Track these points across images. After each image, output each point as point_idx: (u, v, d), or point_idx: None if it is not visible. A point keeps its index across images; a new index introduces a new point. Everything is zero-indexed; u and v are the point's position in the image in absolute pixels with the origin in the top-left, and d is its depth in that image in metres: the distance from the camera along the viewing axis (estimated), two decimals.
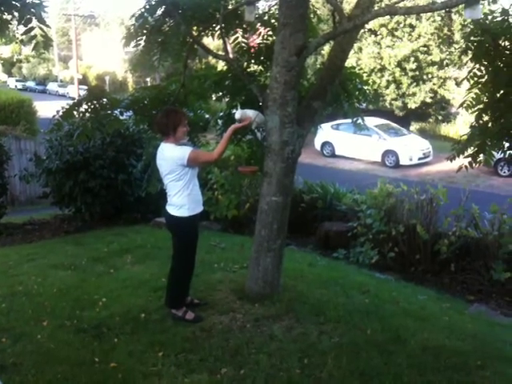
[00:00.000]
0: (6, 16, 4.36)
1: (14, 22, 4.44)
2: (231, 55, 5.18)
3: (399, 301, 5.02)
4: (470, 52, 4.37)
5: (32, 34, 4.17)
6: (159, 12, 5.04)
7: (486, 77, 4.34)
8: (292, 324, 4.20)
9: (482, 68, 4.33)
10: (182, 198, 4.15)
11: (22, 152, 13.29)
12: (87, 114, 5.06)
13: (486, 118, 4.46)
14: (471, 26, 4.45)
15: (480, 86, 4.37)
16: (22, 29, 4.30)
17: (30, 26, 4.10)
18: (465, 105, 4.46)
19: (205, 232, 7.14)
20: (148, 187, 5.71)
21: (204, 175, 8.19)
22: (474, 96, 4.41)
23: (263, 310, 4.40)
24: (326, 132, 19.35)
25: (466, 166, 4.58)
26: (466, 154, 4.57)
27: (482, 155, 4.57)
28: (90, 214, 8.85)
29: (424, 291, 5.76)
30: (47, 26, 4.22)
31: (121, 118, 5.52)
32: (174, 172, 4.10)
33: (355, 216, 7.23)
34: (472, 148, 4.55)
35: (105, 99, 5.13)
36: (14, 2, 4.08)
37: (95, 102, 5.05)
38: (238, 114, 4.38)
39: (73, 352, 3.83)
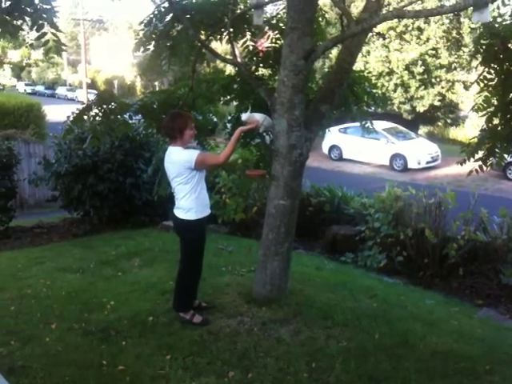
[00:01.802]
0: (17, 22, 4.39)
1: (25, 27, 4.47)
2: (239, 59, 5.19)
3: (407, 305, 5.00)
4: (479, 55, 4.36)
5: (44, 39, 4.19)
6: (168, 17, 5.07)
7: (495, 80, 4.32)
8: (299, 328, 4.19)
9: (492, 71, 4.31)
10: (190, 202, 4.15)
11: (31, 156, 13.36)
12: (97, 118, 5.08)
13: (495, 121, 4.44)
14: (481, 29, 4.44)
15: (490, 88, 4.36)
16: (32, 34, 4.33)
17: (42, 31, 4.12)
18: (475, 107, 4.45)
19: (212, 235, 7.15)
20: (159, 191, 5.73)
21: (211, 179, 8.20)
22: (484, 98, 4.40)
23: (270, 313, 4.39)
24: (333, 135, 19.33)
25: (476, 170, 4.56)
26: (476, 157, 4.56)
27: (492, 158, 4.56)
28: (98, 217, 8.88)
29: (432, 295, 5.73)
30: (59, 30, 4.24)
31: (130, 121, 5.55)
32: (182, 175, 4.11)
33: (363, 220, 7.21)
34: (482, 151, 4.53)
35: (114, 103, 5.15)
36: (25, 8, 4.10)
37: (105, 106, 5.07)
38: (244, 116, 4.39)
39: (81, 355, 3.85)
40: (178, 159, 4.11)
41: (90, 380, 3.50)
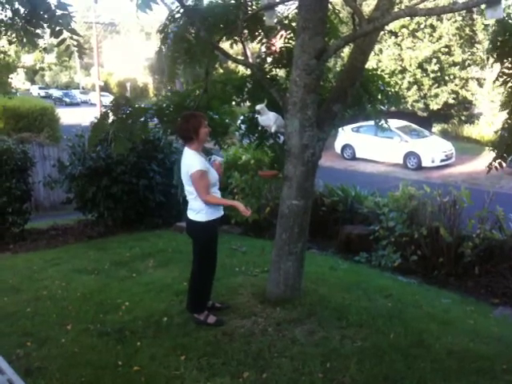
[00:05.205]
0: (36, 30, 4.44)
1: (42, 33, 4.52)
2: (251, 60, 5.19)
3: (422, 304, 4.97)
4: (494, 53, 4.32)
5: (65, 44, 4.22)
6: (181, 21, 5.08)
7: None
8: (314, 328, 4.18)
9: (510, 65, 4.27)
10: (200, 203, 4.15)
11: (46, 158, 13.46)
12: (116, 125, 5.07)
13: None
14: (495, 26, 4.40)
15: (510, 84, 4.32)
16: (47, 38, 4.38)
17: (62, 37, 4.16)
18: (503, 104, 4.42)
19: (225, 236, 7.15)
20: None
21: (224, 179, 8.21)
22: (507, 94, 4.36)
23: (285, 313, 4.39)
24: (346, 135, 19.28)
25: (496, 167, 4.52)
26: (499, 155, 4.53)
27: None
28: (112, 219, 8.93)
29: (447, 294, 5.69)
30: (78, 34, 4.27)
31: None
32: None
33: (377, 219, 7.17)
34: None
35: (131, 108, 5.14)
36: (42, 15, 4.14)
37: (121, 112, 5.07)
38: (259, 106, 4.50)
39: (96, 356, 3.87)
40: (184, 162, 4.17)
41: (106, 381, 3.52)
